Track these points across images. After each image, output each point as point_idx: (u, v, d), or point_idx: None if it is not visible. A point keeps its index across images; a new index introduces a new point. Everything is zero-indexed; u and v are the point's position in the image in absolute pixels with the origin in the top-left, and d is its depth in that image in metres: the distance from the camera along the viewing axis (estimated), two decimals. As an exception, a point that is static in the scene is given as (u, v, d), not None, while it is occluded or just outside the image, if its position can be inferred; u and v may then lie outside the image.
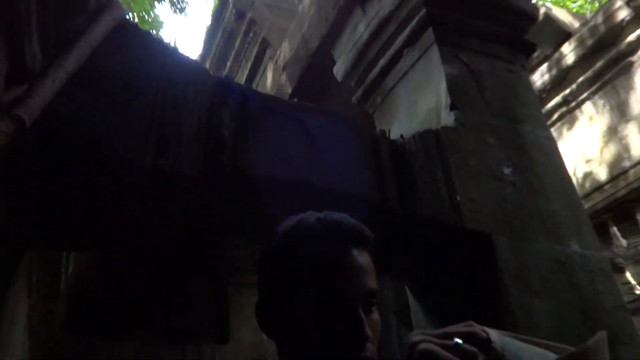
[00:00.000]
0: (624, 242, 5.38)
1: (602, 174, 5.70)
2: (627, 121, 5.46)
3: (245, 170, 1.53)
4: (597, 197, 5.52)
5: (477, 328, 0.62)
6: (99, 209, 1.53)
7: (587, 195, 5.61)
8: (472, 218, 1.80)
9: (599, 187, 5.59)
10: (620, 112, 5.51)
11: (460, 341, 0.61)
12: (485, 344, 0.61)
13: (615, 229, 5.54)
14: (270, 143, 1.66)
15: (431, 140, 1.98)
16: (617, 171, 5.44)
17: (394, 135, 2.01)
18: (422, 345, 0.59)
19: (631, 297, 4.93)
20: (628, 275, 5.28)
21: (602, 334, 0.58)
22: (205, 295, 4.81)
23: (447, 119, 2.06)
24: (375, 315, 0.74)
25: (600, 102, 5.75)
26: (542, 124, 2.31)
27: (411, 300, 2.13)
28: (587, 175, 5.86)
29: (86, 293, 4.65)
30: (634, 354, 1.66)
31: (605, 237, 5.49)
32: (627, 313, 1.78)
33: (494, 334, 0.62)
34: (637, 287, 5.14)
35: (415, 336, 0.62)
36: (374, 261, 0.78)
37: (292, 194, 1.63)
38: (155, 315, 4.96)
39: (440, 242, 1.85)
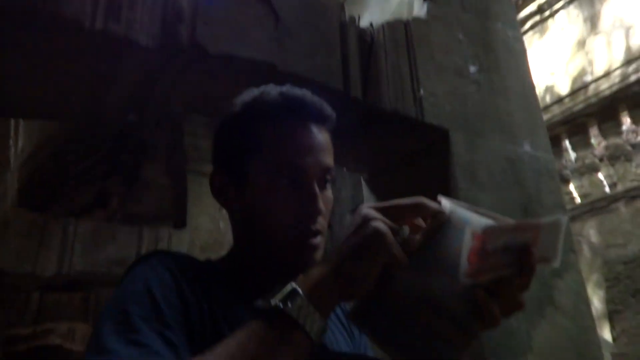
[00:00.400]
0: (573, 155, 5.63)
1: (563, 87, 5.80)
2: (596, 34, 5.47)
3: (204, 44, 1.46)
4: (556, 110, 5.66)
5: (426, 200, 0.62)
6: (45, 74, 1.45)
7: (547, 108, 5.74)
8: (433, 113, 1.81)
9: (558, 101, 5.72)
10: (592, 24, 5.49)
11: (406, 231, 0.60)
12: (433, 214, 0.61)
13: (567, 141, 5.77)
14: (233, 19, 1.57)
15: (400, 31, 1.93)
16: (578, 85, 5.54)
17: (364, 23, 1.94)
18: (375, 224, 0.57)
19: (571, 206, 5.28)
20: (571, 186, 5.61)
21: (559, 219, 0.57)
22: (164, 181, 4.80)
23: (420, 10, 1.99)
24: (329, 192, 0.75)
25: (575, 13, 5.68)
26: (514, 23, 2.27)
27: (366, 193, 2.20)
28: (550, 88, 5.95)
29: (40, 170, 4.54)
30: (566, 245, 1.80)
31: (556, 149, 5.72)
32: (565, 212, 1.91)
33: (446, 203, 0.62)
34: (578, 197, 5.48)
35: (365, 209, 0.60)
36: (334, 147, 0.78)
37: (253, 76, 1.58)
38: (111, 197, 4.95)
39: (400, 134, 1.87)
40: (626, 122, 5.50)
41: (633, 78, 5.02)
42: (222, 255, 0.81)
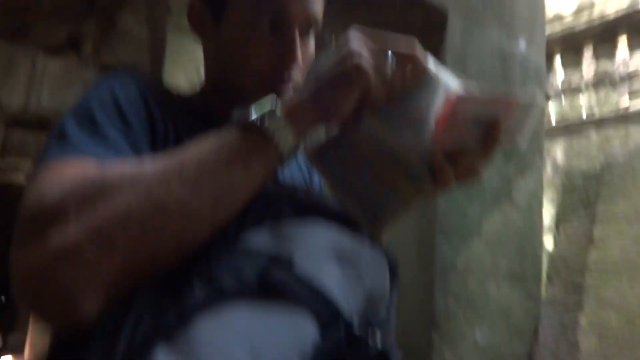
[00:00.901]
0: (561, 73, 5.58)
1: (568, 4, 5.57)
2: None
3: None
4: (556, 27, 5.49)
5: (420, 53, 0.59)
6: None
7: (547, 22, 5.56)
8: (436, -9, 1.72)
9: (561, 17, 5.53)
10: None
11: (391, 61, 0.56)
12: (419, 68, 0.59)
13: (559, 57, 5.67)
14: None
15: None
16: (585, 4, 5.33)
17: None
18: (357, 61, 0.54)
19: (547, 127, 5.35)
20: (550, 104, 5.63)
21: (535, 101, 0.55)
22: (142, 32, 4.55)
23: None
24: (311, 45, 0.71)
25: None
26: None
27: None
28: (553, 2, 5.71)
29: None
30: (535, 146, 1.84)
31: (547, 65, 5.66)
32: (542, 115, 1.92)
33: (433, 63, 0.57)
34: (554, 117, 5.54)
35: (354, 41, 0.55)
36: (328, 11, 0.71)
37: None
38: (85, 41, 4.70)
39: (398, 9, 1.78)
40: (622, 50, 5.41)
41: (641, 5, 4.84)
42: (193, 91, 0.78)
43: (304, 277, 0.48)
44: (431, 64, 0.57)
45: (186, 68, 4.71)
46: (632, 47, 5.06)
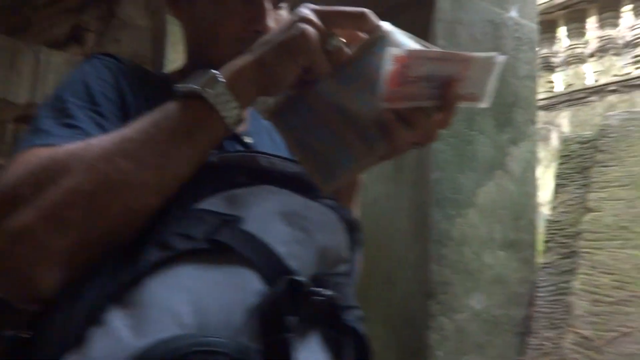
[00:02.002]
0: (565, 42, 5.51)
1: (572, -30, 5.46)
2: None
3: None
4: (559, -6, 5.40)
5: (370, 13, 0.58)
6: None
7: (550, -10, 5.47)
8: (423, -38, 1.72)
9: (564, -16, 5.43)
10: None
11: (338, 42, 0.57)
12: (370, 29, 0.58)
13: (565, 28, 5.59)
14: None
15: None
16: (588, -31, 5.22)
17: None
18: (303, 26, 0.54)
19: (548, 95, 5.31)
20: (555, 76, 5.57)
21: (493, 57, 0.54)
22: (142, 21, 4.57)
23: None
24: (283, 15, 0.71)
25: None
26: None
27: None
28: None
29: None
30: (528, 115, 1.86)
31: (551, 34, 5.58)
32: (535, 84, 1.93)
33: (387, 25, 0.58)
34: (560, 86, 5.48)
35: (303, 9, 0.56)
36: None
37: None
38: (86, 33, 4.73)
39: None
40: (627, 15, 5.31)
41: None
42: (175, 69, 0.79)
43: (249, 235, 0.50)
44: (387, 26, 0.58)
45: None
46: (637, 11, 4.97)
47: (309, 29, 0.55)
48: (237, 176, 0.57)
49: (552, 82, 5.43)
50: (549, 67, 5.49)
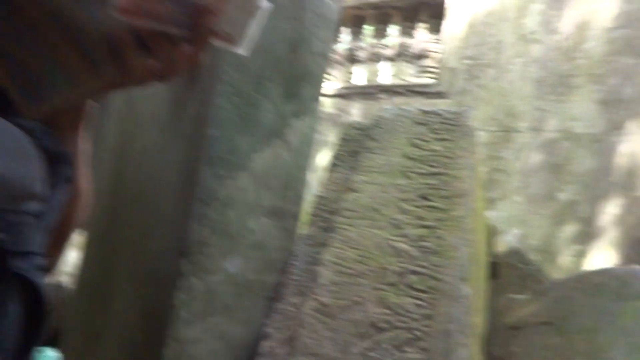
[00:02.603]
0: (368, 40, 5.98)
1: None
2: None
3: None
4: (370, -6, 5.80)
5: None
6: None
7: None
8: None
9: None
10: None
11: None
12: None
13: (371, 27, 6.06)
14: None
15: None
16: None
17: None
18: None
19: (347, 85, 5.73)
20: (355, 68, 6.03)
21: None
22: None
23: None
24: None
25: None
26: None
27: None
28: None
29: None
30: (315, 91, 1.91)
31: (359, 29, 6.00)
32: (325, 63, 1.99)
33: None
34: (352, 79, 5.95)
35: None
36: None
37: None
38: None
39: None
40: (422, 28, 6.00)
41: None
42: None
43: None
44: None
45: None
46: (429, 28, 5.66)
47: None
48: None
49: (352, 73, 5.86)
50: (352, 60, 5.91)
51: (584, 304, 2.05)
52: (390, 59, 5.69)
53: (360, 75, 5.84)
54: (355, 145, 2.31)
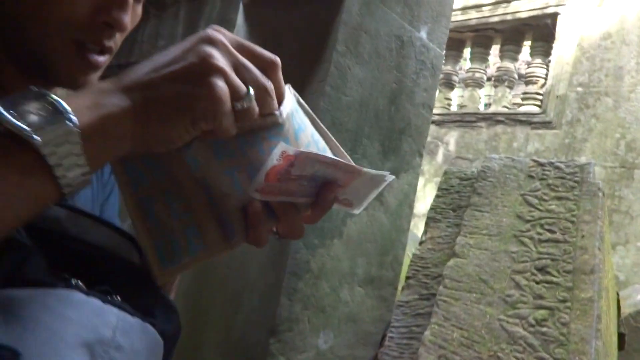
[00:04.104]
0: (467, 64, 5.68)
1: (488, -5, 5.62)
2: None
3: None
4: (472, 14, 5.53)
5: (280, 73, 0.46)
6: None
7: (465, 9, 5.58)
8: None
9: (478, 6, 5.57)
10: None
11: (251, 92, 0.45)
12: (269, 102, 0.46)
13: (469, 50, 5.77)
14: None
15: None
16: (502, -2, 5.40)
17: None
18: (215, 82, 0.40)
19: (444, 112, 5.45)
20: (453, 93, 5.74)
21: (384, 176, 0.51)
22: None
23: None
24: (139, 9, 0.60)
25: None
26: None
27: (240, 20, 1.88)
28: (476, -10, 5.73)
29: None
30: (417, 146, 1.74)
31: (457, 52, 5.72)
32: (430, 114, 1.82)
33: (289, 102, 0.49)
34: (453, 105, 5.66)
35: (213, 32, 0.42)
36: None
37: None
38: None
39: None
40: (525, 51, 5.60)
41: (551, 9, 4.99)
42: None
43: None
44: (287, 107, 0.49)
45: None
46: (533, 49, 5.24)
47: (220, 85, 0.39)
48: (37, 260, 0.39)
49: (449, 99, 5.58)
50: (450, 85, 5.63)
51: None
52: (491, 84, 5.34)
53: (458, 102, 5.54)
54: (457, 197, 2.10)
